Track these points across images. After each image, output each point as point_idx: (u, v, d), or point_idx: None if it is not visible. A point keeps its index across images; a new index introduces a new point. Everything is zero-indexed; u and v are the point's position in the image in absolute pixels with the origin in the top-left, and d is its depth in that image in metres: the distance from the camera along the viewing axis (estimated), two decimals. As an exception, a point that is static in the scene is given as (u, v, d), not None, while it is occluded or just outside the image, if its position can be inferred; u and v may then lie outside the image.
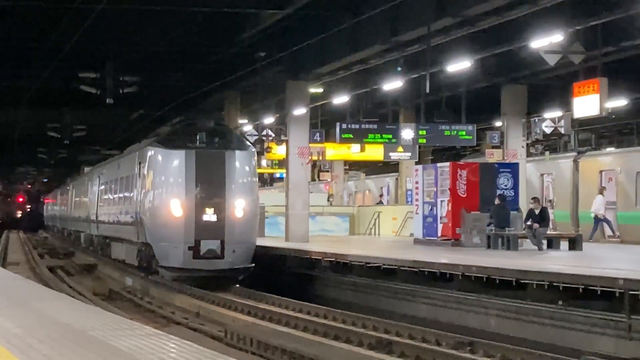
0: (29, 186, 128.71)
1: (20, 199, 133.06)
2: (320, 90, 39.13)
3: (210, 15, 31.92)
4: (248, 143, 32.02)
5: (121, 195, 37.32)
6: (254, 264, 29.44)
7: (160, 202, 29.20)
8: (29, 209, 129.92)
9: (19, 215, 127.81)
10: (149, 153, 30.36)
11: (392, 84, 35.79)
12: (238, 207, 28.78)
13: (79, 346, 10.97)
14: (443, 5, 26.75)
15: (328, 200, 54.16)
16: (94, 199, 47.75)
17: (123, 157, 39.72)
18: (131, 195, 33.83)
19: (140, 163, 31.99)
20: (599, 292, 17.98)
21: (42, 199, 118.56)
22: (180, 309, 26.37)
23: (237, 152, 29.78)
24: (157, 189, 29.65)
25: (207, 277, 28.81)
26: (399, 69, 30.84)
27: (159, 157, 29.85)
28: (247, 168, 30.13)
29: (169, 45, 36.24)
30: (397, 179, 53.65)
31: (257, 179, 31.10)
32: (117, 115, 51.52)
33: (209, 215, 28.39)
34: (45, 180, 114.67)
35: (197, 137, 29.81)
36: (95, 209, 46.88)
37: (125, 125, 56.94)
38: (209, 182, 28.81)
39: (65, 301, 18.22)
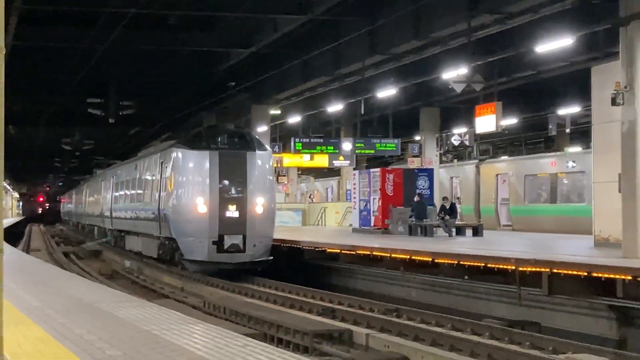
0: (47, 188, 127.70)
1: (41, 199, 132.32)
2: (279, 112, 39.12)
3: (191, 53, 31.94)
4: (265, 144, 27.63)
5: (140, 193, 32.74)
6: (272, 257, 25.73)
7: (186, 199, 25.28)
8: (47, 207, 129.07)
9: (40, 212, 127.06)
10: (174, 154, 26.21)
11: (335, 107, 36.04)
12: (258, 204, 24.95)
13: (88, 315, 10.94)
14: (374, 45, 26.88)
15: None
16: (109, 197, 42.18)
17: (140, 159, 34.62)
18: (152, 193, 29.39)
19: (162, 163, 27.87)
20: (495, 269, 18.09)
21: (57, 199, 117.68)
22: (168, 285, 26.26)
23: (257, 152, 25.64)
24: (182, 187, 25.59)
25: (229, 269, 25.03)
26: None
27: (184, 158, 25.76)
28: (266, 167, 25.97)
29: (159, 76, 36.17)
30: (339, 181, 53.81)
31: (274, 178, 27.34)
32: (117, 132, 51.27)
33: (232, 212, 24.64)
34: (60, 184, 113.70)
35: (219, 139, 26.03)
36: (109, 206, 41.53)
37: (124, 139, 56.63)
38: (232, 181, 24.94)
39: (76, 280, 18.14)
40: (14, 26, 23.73)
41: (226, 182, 24.92)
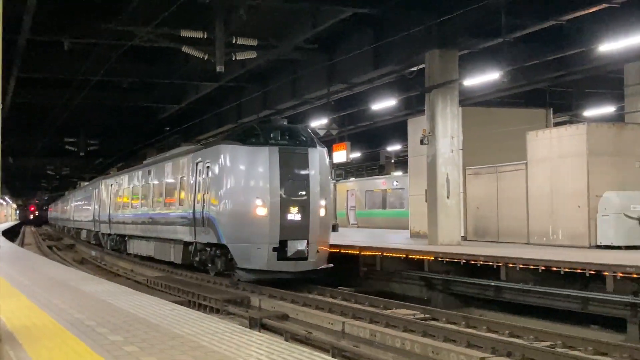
0: (37, 201, 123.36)
1: (32, 208, 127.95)
2: (200, 148, 38.78)
3: (138, 107, 31.70)
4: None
5: (159, 198, 22.30)
6: (332, 264, 16.61)
7: (241, 201, 15.78)
8: (37, 214, 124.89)
9: (31, 217, 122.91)
10: (224, 152, 16.39)
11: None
12: (321, 205, 16.04)
13: (64, 290, 10.63)
14: (265, 103, 26.95)
15: None
16: (107, 204, 30.44)
17: (156, 164, 23.40)
18: (182, 196, 19.31)
19: (198, 164, 17.89)
20: (346, 254, 18.25)
21: (44, 208, 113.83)
22: (122, 268, 25.56)
23: (319, 149, 16.48)
24: (236, 188, 15.93)
25: (290, 278, 16.07)
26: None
27: (238, 155, 16.06)
28: (326, 165, 16.61)
29: (116, 123, 35.88)
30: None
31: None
32: (86, 161, 50.04)
33: (294, 215, 15.67)
34: (46, 198, 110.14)
35: (275, 134, 16.40)
36: (107, 212, 30.05)
37: (91, 167, 55.22)
38: (293, 180, 15.84)
39: (56, 265, 17.56)
40: (13, 88, 23.30)
41: (287, 181, 15.88)
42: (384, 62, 19.57)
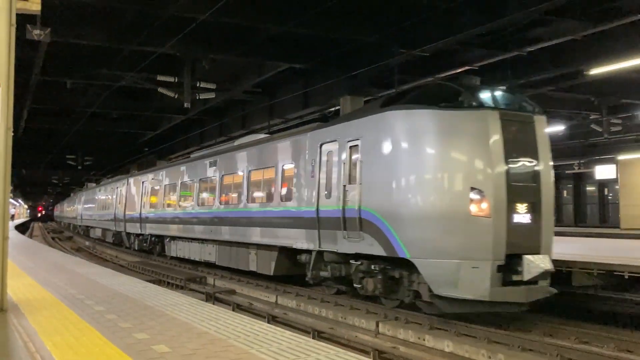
0: (44, 203, 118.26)
1: (39, 208, 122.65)
2: (172, 164, 38.06)
3: (124, 133, 30.90)
4: None
5: (232, 193, 13.62)
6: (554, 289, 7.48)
7: (444, 194, 6.78)
8: (43, 213, 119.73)
9: (39, 216, 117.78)
10: (400, 121, 7.14)
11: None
12: (552, 200, 7.15)
13: (61, 272, 10.23)
14: (222, 131, 26.69)
15: None
16: (137, 202, 21.77)
17: (234, 152, 14.39)
18: (292, 190, 10.45)
19: (323, 145, 9.49)
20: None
21: (50, 208, 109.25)
22: (109, 255, 24.67)
23: (544, 117, 7.32)
24: (431, 174, 6.87)
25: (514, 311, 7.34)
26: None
27: (429, 124, 6.76)
28: (549, 144, 7.30)
29: (106, 144, 34.91)
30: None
31: None
32: (83, 173, 48.45)
33: (522, 215, 6.68)
34: (51, 200, 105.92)
35: (482, 94, 6.98)
36: (138, 210, 21.47)
37: (86, 177, 53.51)
38: (519, 162, 6.77)
39: (56, 252, 16.85)
40: (26, 116, 22.59)
41: (512, 163, 7.27)
42: (311, 104, 19.76)
